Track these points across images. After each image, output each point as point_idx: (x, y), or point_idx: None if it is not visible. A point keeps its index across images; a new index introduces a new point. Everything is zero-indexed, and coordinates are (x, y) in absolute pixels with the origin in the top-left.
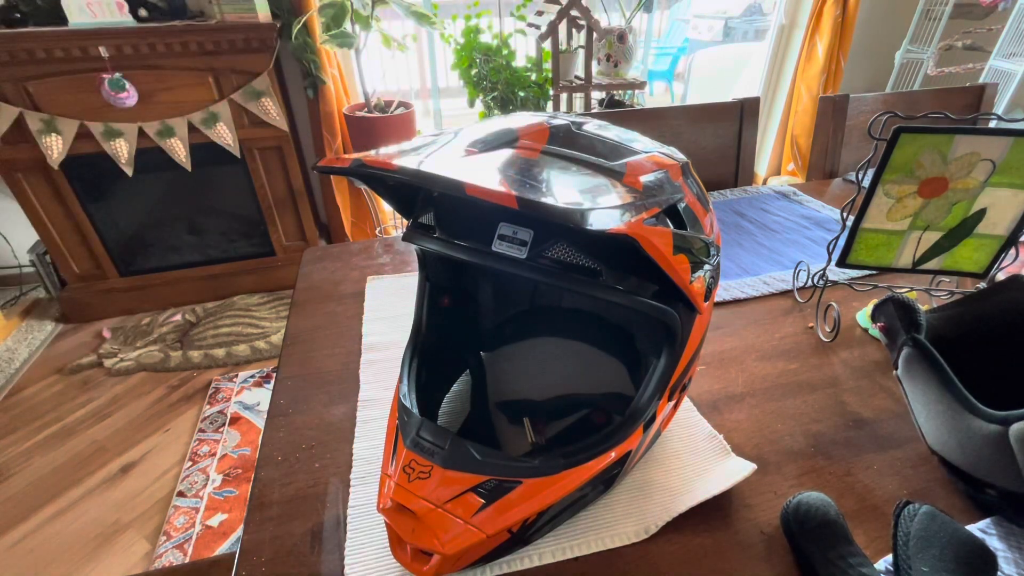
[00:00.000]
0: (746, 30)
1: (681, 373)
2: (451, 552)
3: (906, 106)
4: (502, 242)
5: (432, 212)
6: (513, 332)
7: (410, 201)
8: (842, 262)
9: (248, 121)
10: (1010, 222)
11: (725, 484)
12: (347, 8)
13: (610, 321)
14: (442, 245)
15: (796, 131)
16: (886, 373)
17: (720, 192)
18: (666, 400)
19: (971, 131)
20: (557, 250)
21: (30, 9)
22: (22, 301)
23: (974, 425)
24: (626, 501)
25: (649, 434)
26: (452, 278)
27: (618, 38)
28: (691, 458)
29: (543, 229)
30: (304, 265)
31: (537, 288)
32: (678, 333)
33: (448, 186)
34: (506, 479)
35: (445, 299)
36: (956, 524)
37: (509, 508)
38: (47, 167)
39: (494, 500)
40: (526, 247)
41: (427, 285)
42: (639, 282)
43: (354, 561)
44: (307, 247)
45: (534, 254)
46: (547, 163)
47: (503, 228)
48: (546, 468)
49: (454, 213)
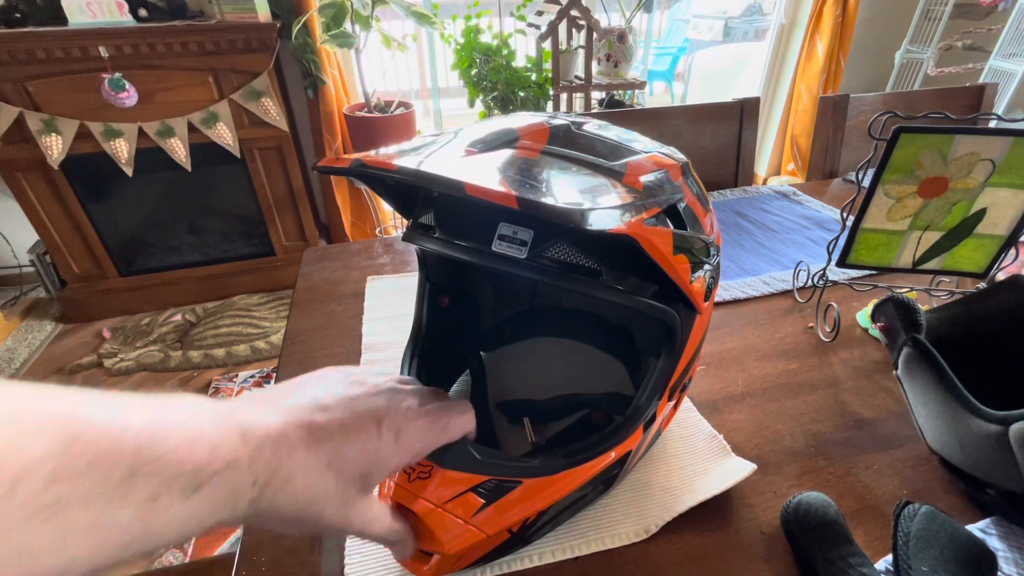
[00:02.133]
0: (746, 30)
1: (681, 373)
2: (452, 552)
3: (906, 106)
4: (502, 242)
5: (432, 212)
6: (513, 332)
7: (410, 201)
8: (842, 262)
9: (248, 121)
10: (1010, 222)
11: (725, 484)
12: (347, 8)
13: (610, 321)
14: (442, 245)
15: (796, 131)
16: (886, 373)
17: (720, 192)
18: (666, 400)
19: (971, 131)
20: (557, 250)
21: (30, 9)
22: (22, 301)
23: (974, 425)
24: (626, 501)
25: (649, 434)
26: (452, 278)
27: (618, 38)
28: (691, 458)
29: (543, 229)
30: (304, 265)
31: (537, 288)
32: (678, 333)
33: (448, 186)
34: (506, 479)
35: (445, 299)
36: (956, 524)
37: (509, 508)
38: (47, 167)
39: (494, 500)
40: (526, 247)
41: (427, 285)
42: (639, 282)
43: (354, 562)
44: (307, 247)
45: (534, 254)
46: (547, 163)
47: (503, 228)
48: (546, 468)
49: (454, 213)
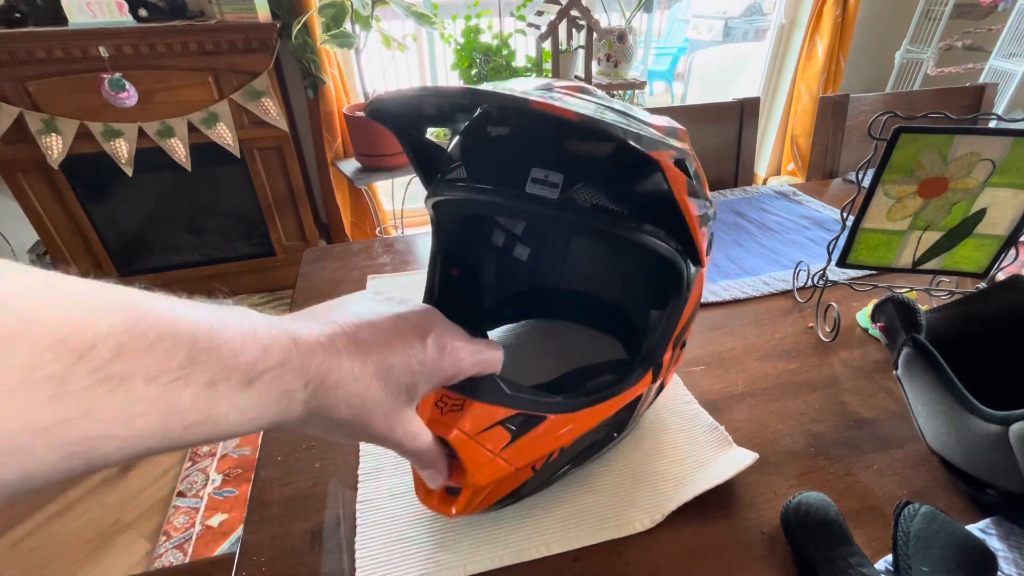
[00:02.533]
0: (746, 30)
1: (683, 327)
2: (481, 483)
3: (906, 106)
4: (535, 184)
5: (460, 168)
6: (512, 313)
7: (433, 160)
8: (842, 262)
9: (248, 121)
10: (1010, 222)
11: (728, 473)
12: (347, 8)
13: (607, 301)
14: (477, 193)
15: (796, 131)
16: (886, 373)
17: (720, 192)
18: (670, 351)
19: (971, 131)
20: (585, 193)
21: (30, 9)
22: None
23: (974, 425)
24: (631, 491)
25: (655, 384)
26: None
27: (618, 38)
28: (693, 449)
29: (572, 172)
30: (304, 265)
31: (537, 266)
32: (684, 279)
33: (514, 101)
34: (533, 413)
35: (455, 270)
36: (956, 524)
37: (534, 442)
38: (47, 167)
39: (521, 435)
40: (557, 189)
41: (439, 257)
42: (654, 228)
43: (365, 555)
44: (307, 247)
45: (565, 196)
46: (589, 101)
47: (535, 172)
48: (569, 405)
49: (485, 163)
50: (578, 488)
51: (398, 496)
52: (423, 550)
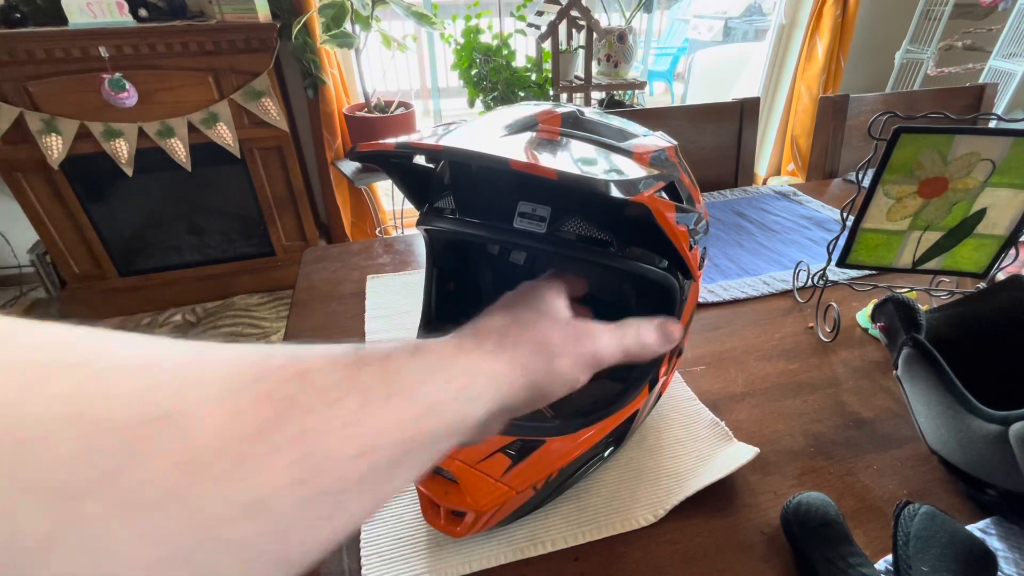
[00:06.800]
0: (746, 30)
1: None
2: (484, 508)
3: (906, 106)
4: (522, 219)
5: (449, 196)
6: None
7: (423, 189)
8: (842, 262)
9: (248, 121)
10: (1010, 222)
11: (730, 468)
12: (347, 8)
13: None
14: (466, 226)
15: (796, 131)
16: (886, 373)
17: (720, 192)
18: (666, 362)
19: (971, 131)
20: (572, 225)
21: (30, 9)
22: (22, 301)
23: (974, 425)
24: (633, 487)
25: (653, 394)
26: (459, 262)
27: (618, 38)
28: (695, 445)
29: (559, 206)
30: (304, 265)
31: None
32: (677, 298)
33: (494, 162)
34: (531, 439)
35: (452, 284)
36: (956, 524)
37: (535, 465)
38: (47, 167)
39: (521, 459)
40: (545, 222)
41: (435, 272)
42: (643, 252)
43: (370, 552)
44: (307, 247)
45: (552, 229)
46: (568, 143)
47: (523, 206)
48: (567, 428)
49: (473, 196)
50: (581, 485)
51: (401, 494)
52: (427, 547)
